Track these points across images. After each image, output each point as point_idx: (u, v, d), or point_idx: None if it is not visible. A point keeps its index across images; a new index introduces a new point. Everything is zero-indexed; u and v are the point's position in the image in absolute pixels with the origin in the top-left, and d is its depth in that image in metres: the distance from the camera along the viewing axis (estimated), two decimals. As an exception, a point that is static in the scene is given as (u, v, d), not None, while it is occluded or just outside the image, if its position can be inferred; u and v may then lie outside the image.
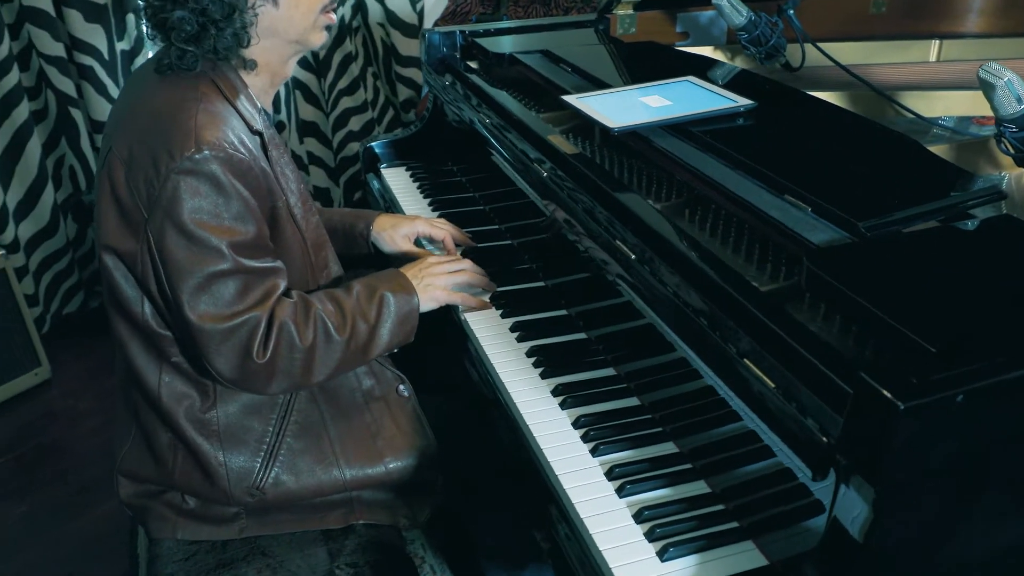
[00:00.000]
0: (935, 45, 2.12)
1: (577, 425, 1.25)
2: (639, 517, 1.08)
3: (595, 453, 1.19)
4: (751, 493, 1.07)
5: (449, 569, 1.51)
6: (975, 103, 1.50)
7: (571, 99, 1.56)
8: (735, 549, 1.04)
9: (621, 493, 1.12)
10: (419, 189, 2.04)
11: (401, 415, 1.46)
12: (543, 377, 1.36)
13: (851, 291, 0.92)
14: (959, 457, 0.83)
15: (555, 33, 2.19)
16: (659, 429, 1.24)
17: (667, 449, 1.21)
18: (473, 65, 2.10)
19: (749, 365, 0.98)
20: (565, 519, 1.13)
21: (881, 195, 1.17)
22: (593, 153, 1.52)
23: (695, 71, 1.64)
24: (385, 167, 2.18)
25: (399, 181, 2.09)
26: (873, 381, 0.78)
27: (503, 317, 1.51)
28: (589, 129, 1.60)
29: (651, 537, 1.05)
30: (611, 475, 1.15)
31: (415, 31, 3.27)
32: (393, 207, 1.99)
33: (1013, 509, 0.90)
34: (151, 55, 1.37)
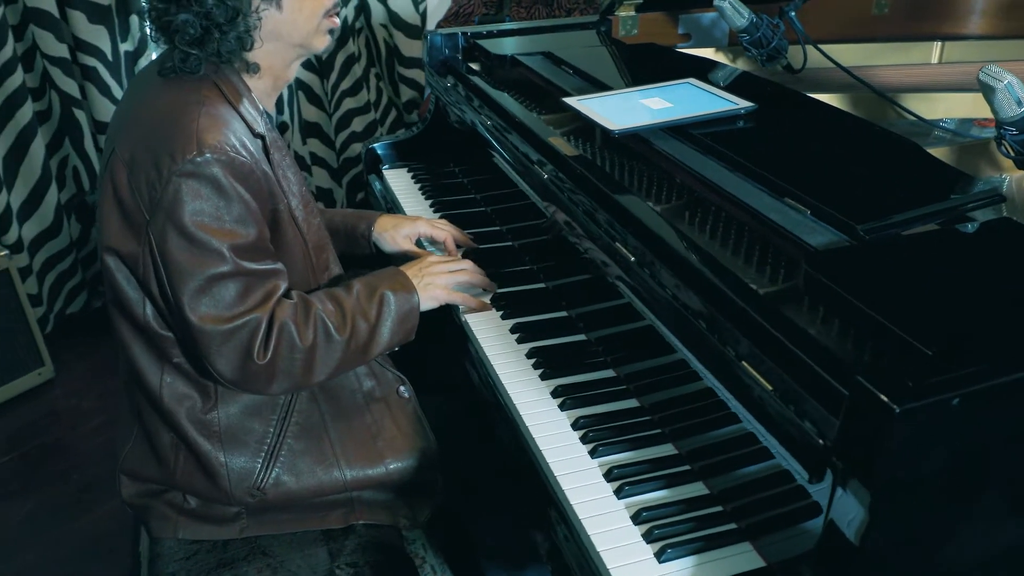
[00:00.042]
0: (937, 47, 2.11)
1: (576, 426, 1.25)
2: (637, 518, 1.08)
3: (594, 454, 1.20)
4: (749, 495, 1.07)
5: (450, 569, 1.51)
6: (976, 105, 1.49)
7: (572, 101, 1.55)
8: (733, 551, 1.05)
9: (620, 494, 1.12)
10: (421, 190, 2.04)
11: (402, 416, 1.46)
12: (543, 378, 1.36)
13: (848, 294, 0.92)
14: (955, 460, 0.83)
15: (557, 35, 2.18)
16: (658, 431, 1.24)
17: (666, 451, 1.21)
18: (475, 67, 2.10)
19: (747, 367, 0.98)
20: (564, 521, 1.13)
21: (880, 198, 1.17)
22: (594, 155, 1.52)
23: (696, 73, 1.63)
24: (387, 168, 2.18)
25: (401, 182, 2.09)
26: (869, 384, 0.78)
27: (503, 318, 1.51)
28: (590, 131, 1.60)
29: (649, 538, 1.06)
30: (610, 476, 1.15)
31: (418, 32, 3.27)
32: (395, 208, 1.99)
33: (1009, 512, 0.90)
34: (155, 56, 1.37)
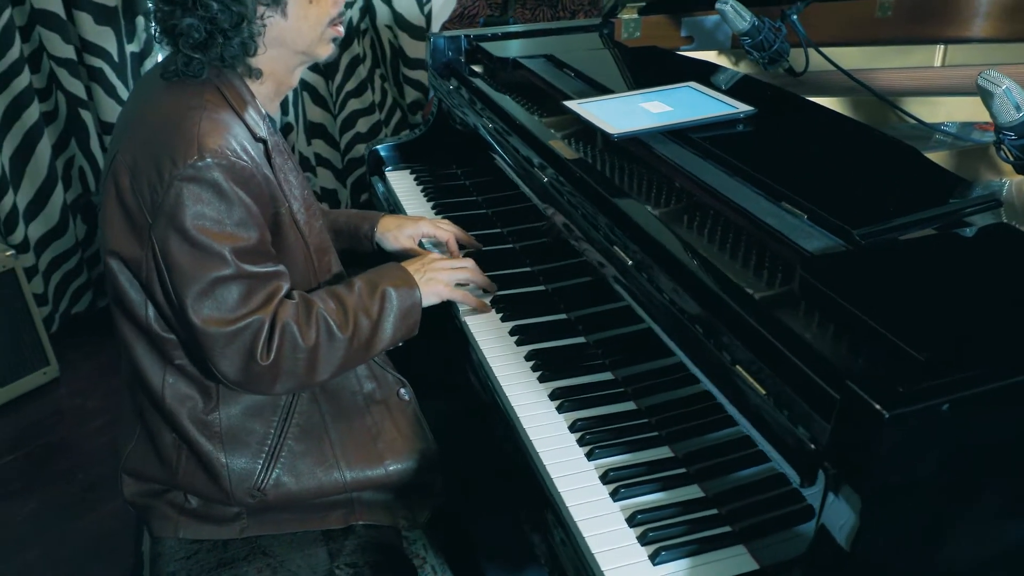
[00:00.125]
0: (940, 50, 2.11)
1: (573, 429, 1.26)
2: (632, 521, 1.09)
3: (591, 457, 1.20)
4: (744, 498, 1.07)
5: (450, 569, 1.52)
6: (977, 109, 1.49)
7: (573, 104, 1.55)
8: (727, 553, 1.05)
9: (615, 497, 1.13)
10: (423, 192, 2.05)
11: (402, 418, 1.47)
12: (541, 381, 1.36)
13: (843, 299, 0.93)
14: (946, 466, 0.83)
15: (560, 37, 2.19)
16: (655, 433, 1.24)
17: (662, 453, 1.21)
18: (477, 69, 2.10)
19: (740, 371, 0.98)
20: (560, 522, 1.14)
21: (877, 202, 1.17)
22: (594, 159, 1.52)
23: (698, 76, 1.64)
24: (390, 170, 2.19)
25: (403, 184, 2.10)
26: (859, 389, 0.78)
27: (503, 321, 1.52)
28: (590, 135, 1.60)
29: (644, 541, 1.06)
30: (606, 479, 1.16)
31: (423, 33, 3.28)
32: (397, 210, 2.00)
33: (999, 517, 0.90)
34: (161, 57, 1.38)
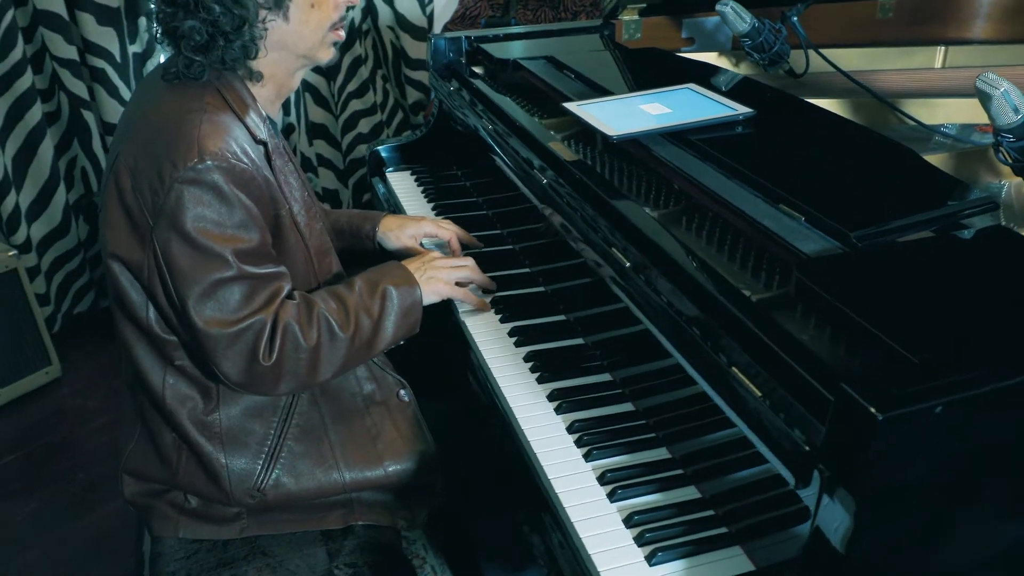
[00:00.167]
0: (940, 51, 2.11)
1: (571, 430, 1.26)
2: (629, 522, 1.09)
3: (588, 458, 1.20)
4: (741, 499, 1.08)
5: (450, 570, 1.52)
6: (977, 110, 1.49)
7: (572, 106, 1.55)
8: (723, 554, 1.05)
9: (612, 498, 1.13)
10: (423, 193, 2.06)
11: (401, 419, 1.47)
12: (540, 382, 1.37)
13: (838, 301, 0.93)
14: (940, 468, 0.83)
15: (560, 39, 2.19)
16: (652, 435, 1.24)
17: (659, 455, 1.21)
18: (478, 71, 2.11)
19: (736, 373, 0.99)
20: (558, 524, 1.14)
21: (874, 205, 1.17)
22: (593, 160, 1.52)
23: (697, 78, 1.64)
24: (391, 171, 2.19)
25: (404, 185, 2.11)
26: (853, 391, 0.79)
27: (502, 322, 1.52)
28: (589, 136, 1.60)
29: (640, 542, 1.06)
30: (603, 480, 1.16)
31: (424, 34, 3.29)
32: (398, 211, 2.00)
33: (994, 520, 0.91)
34: (163, 58, 1.39)
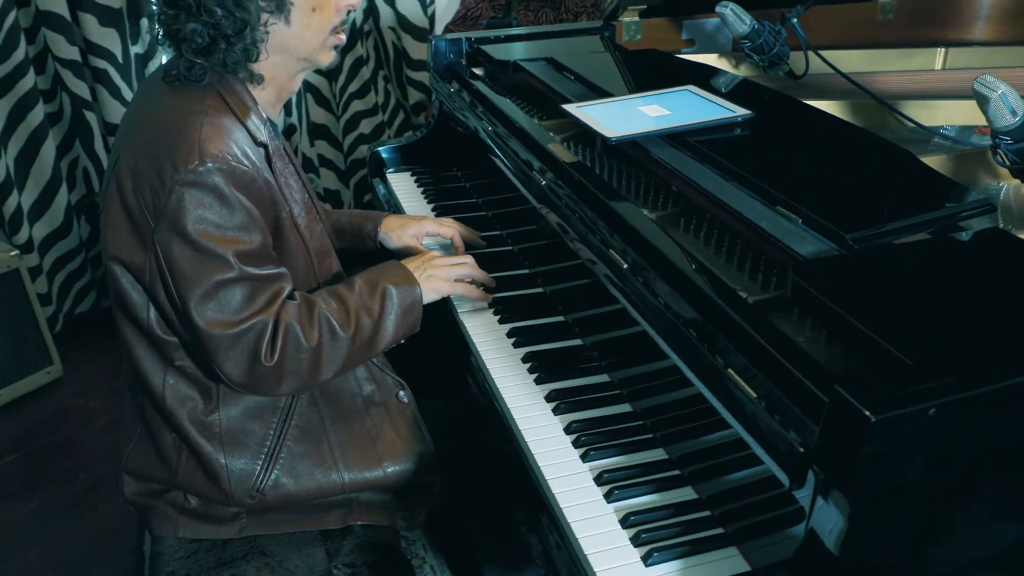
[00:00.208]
0: (940, 53, 2.11)
1: (569, 431, 1.26)
2: (626, 522, 1.09)
3: (585, 458, 1.21)
4: (737, 500, 1.08)
5: (449, 570, 1.53)
6: (977, 112, 1.49)
7: (571, 108, 1.56)
8: (719, 555, 1.06)
9: (609, 498, 1.14)
10: (423, 194, 2.06)
11: (400, 421, 1.47)
12: (538, 383, 1.37)
13: (834, 303, 0.93)
14: (934, 469, 0.83)
15: (561, 40, 2.19)
16: (649, 435, 1.25)
17: (656, 455, 1.22)
18: (478, 72, 2.11)
19: (732, 374, 0.99)
20: (555, 525, 1.15)
21: (871, 207, 1.17)
22: (592, 162, 1.53)
23: (697, 80, 1.64)
24: (391, 172, 2.19)
25: (404, 186, 2.11)
26: (847, 393, 0.79)
27: (501, 323, 1.53)
28: (588, 138, 1.61)
29: (636, 542, 1.07)
30: (600, 480, 1.17)
31: (426, 35, 3.29)
32: (398, 212, 2.00)
33: (988, 521, 0.91)
34: (165, 59, 1.39)
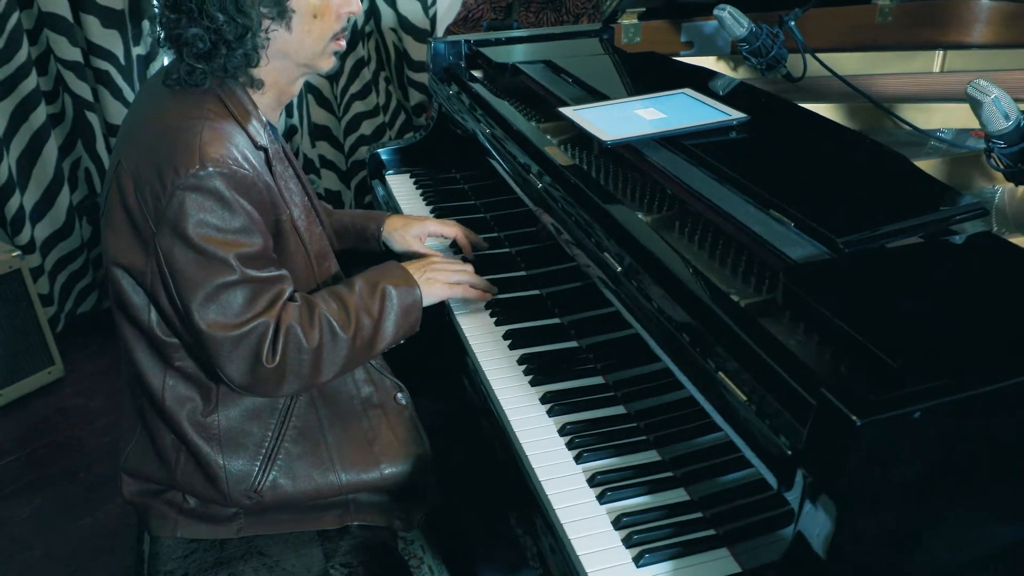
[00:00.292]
0: (939, 56, 2.12)
1: (563, 432, 1.27)
2: (618, 523, 1.10)
3: (579, 460, 1.21)
4: (729, 501, 1.09)
5: (447, 570, 1.54)
6: (973, 115, 1.50)
7: (568, 111, 1.56)
8: (710, 556, 1.06)
9: (602, 500, 1.14)
10: (422, 196, 2.07)
11: (398, 423, 1.48)
12: (533, 384, 1.38)
13: (823, 307, 0.94)
14: (920, 473, 0.84)
15: (560, 42, 2.20)
16: (642, 437, 1.25)
17: (649, 457, 1.22)
18: (477, 74, 2.11)
19: (723, 377, 1.00)
20: (548, 526, 1.15)
21: (863, 211, 1.18)
22: (588, 165, 1.53)
23: (694, 83, 1.65)
24: (390, 174, 2.20)
25: (403, 188, 2.12)
26: (833, 396, 0.80)
27: (497, 325, 1.54)
28: (585, 141, 1.61)
29: (628, 543, 1.07)
30: (593, 482, 1.17)
31: (427, 36, 3.30)
32: (397, 213, 2.01)
33: (975, 525, 0.92)
34: (166, 61, 1.40)
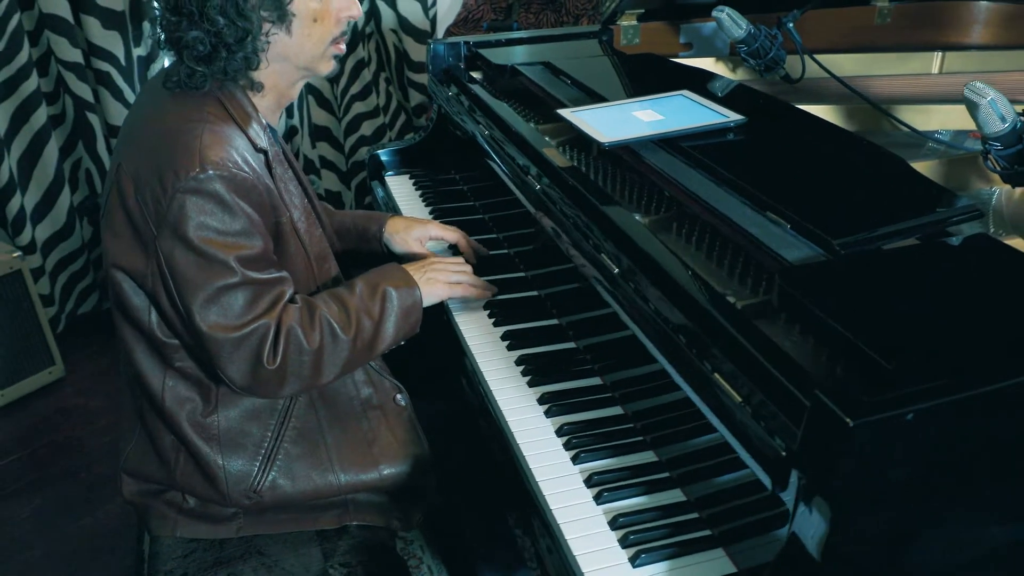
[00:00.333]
0: (938, 57, 2.12)
1: (560, 433, 1.27)
2: (615, 524, 1.11)
3: (576, 461, 1.22)
4: (724, 502, 1.09)
5: (446, 570, 1.54)
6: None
7: (566, 113, 1.56)
8: (705, 556, 1.07)
9: (598, 500, 1.15)
10: (421, 197, 2.07)
11: (397, 424, 1.49)
12: (530, 385, 1.38)
13: (817, 308, 0.94)
14: (913, 474, 0.84)
15: (559, 44, 2.20)
16: (639, 438, 1.26)
17: (646, 458, 1.23)
18: (476, 76, 2.12)
19: (718, 379, 1.00)
20: (545, 526, 1.16)
21: (859, 212, 1.18)
22: (586, 167, 1.54)
23: (693, 84, 1.65)
24: (390, 175, 2.21)
25: (402, 189, 2.12)
26: (826, 398, 0.80)
27: (495, 326, 1.54)
28: (583, 143, 1.61)
29: (624, 543, 1.08)
30: (590, 482, 1.18)
31: (427, 37, 3.30)
32: (396, 214, 2.02)
33: (968, 526, 0.92)
34: (167, 62, 1.41)
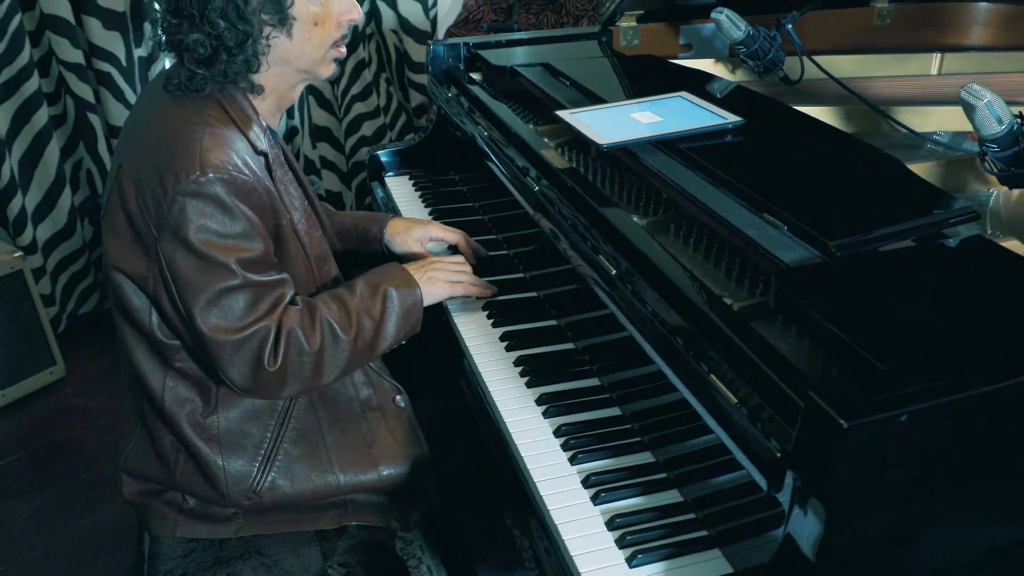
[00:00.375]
0: (937, 58, 2.12)
1: (558, 434, 1.28)
2: (611, 524, 1.11)
3: (573, 461, 1.22)
4: (721, 503, 1.10)
5: (445, 570, 1.55)
6: (968, 118, 1.51)
7: (564, 114, 1.56)
8: (702, 557, 1.07)
9: (596, 501, 1.15)
10: (421, 198, 2.08)
11: (397, 425, 1.49)
12: (529, 386, 1.39)
13: (814, 310, 0.95)
14: (908, 476, 0.85)
15: (559, 45, 2.20)
16: (637, 439, 1.26)
17: (644, 459, 1.23)
18: (476, 77, 2.12)
19: (714, 379, 1.01)
20: (542, 526, 1.16)
21: (856, 214, 1.19)
22: (585, 168, 1.54)
23: (691, 86, 1.65)
24: (390, 176, 2.21)
25: (402, 190, 2.13)
26: (820, 399, 0.81)
27: (494, 326, 1.54)
28: (581, 144, 1.62)
29: (621, 544, 1.09)
30: (587, 483, 1.18)
31: (427, 37, 3.31)
32: (397, 215, 2.02)
33: (962, 527, 0.92)
34: (168, 63, 1.41)
